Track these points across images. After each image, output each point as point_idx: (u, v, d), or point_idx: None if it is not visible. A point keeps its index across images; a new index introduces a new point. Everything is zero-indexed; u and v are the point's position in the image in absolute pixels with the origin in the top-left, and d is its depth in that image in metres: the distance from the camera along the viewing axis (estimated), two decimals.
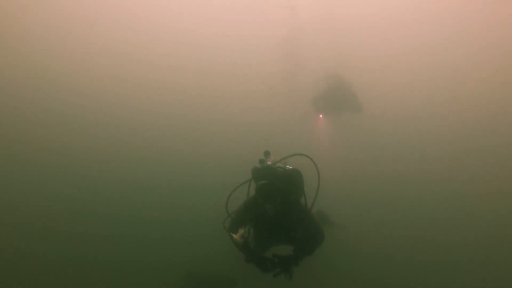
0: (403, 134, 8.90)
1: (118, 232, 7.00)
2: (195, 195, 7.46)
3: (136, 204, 7.61)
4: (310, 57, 9.34)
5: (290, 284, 3.23)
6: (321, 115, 7.98)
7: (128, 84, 9.96)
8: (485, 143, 8.54)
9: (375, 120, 8.65)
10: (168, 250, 6.77)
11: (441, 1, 9.87)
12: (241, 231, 3.15)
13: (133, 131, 9.15)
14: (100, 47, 10.07)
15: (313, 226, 3.28)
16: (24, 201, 7.33)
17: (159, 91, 10.00)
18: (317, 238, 3.28)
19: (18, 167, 8.01)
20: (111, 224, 7.12)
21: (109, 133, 9.00)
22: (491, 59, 9.56)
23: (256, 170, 3.32)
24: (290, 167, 3.45)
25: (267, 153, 3.52)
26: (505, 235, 6.92)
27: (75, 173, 8.05)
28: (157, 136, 9.21)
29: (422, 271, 6.58)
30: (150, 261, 6.68)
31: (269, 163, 3.38)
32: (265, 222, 3.23)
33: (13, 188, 7.48)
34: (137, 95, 9.85)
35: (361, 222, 6.61)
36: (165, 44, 10.65)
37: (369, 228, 6.75)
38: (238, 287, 6.12)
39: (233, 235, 3.14)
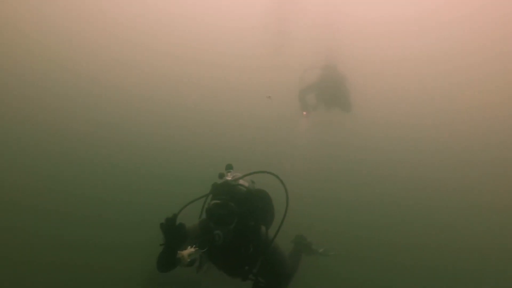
0: (397, 138, 8.39)
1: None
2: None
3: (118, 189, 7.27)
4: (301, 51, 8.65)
5: None
6: (304, 113, 6.97)
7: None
8: (480, 145, 8.20)
9: (367, 123, 8.08)
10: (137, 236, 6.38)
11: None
12: (190, 249, 2.57)
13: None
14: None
15: (275, 262, 2.75)
16: None
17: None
18: (279, 278, 2.76)
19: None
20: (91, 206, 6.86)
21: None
22: (490, 60, 9.05)
23: (215, 186, 2.78)
24: (253, 187, 2.92)
25: (229, 167, 2.97)
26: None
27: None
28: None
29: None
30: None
31: (229, 178, 2.85)
32: (215, 251, 2.68)
33: None
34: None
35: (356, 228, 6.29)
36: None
37: (364, 233, 6.41)
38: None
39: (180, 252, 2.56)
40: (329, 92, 6.85)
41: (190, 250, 2.53)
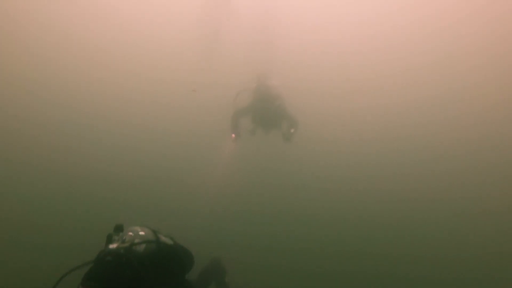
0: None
1: None
2: None
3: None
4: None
5: None
6: (233, 135, 6.58)
7: None
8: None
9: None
10: None
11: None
12: None
13: None
14: None
15: None
16: None
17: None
18: None
19: None
20: None
21: None
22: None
23: (96, 259, 2.31)
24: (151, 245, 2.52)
25: (118, 228, 2.53)
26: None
27: None
28: None
29: None
30: None
31: (115, 246, 2.40)
32: None
33: None
34: None
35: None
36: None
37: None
38: None
39: None
40: (265, 114, 6.63)
41: None
